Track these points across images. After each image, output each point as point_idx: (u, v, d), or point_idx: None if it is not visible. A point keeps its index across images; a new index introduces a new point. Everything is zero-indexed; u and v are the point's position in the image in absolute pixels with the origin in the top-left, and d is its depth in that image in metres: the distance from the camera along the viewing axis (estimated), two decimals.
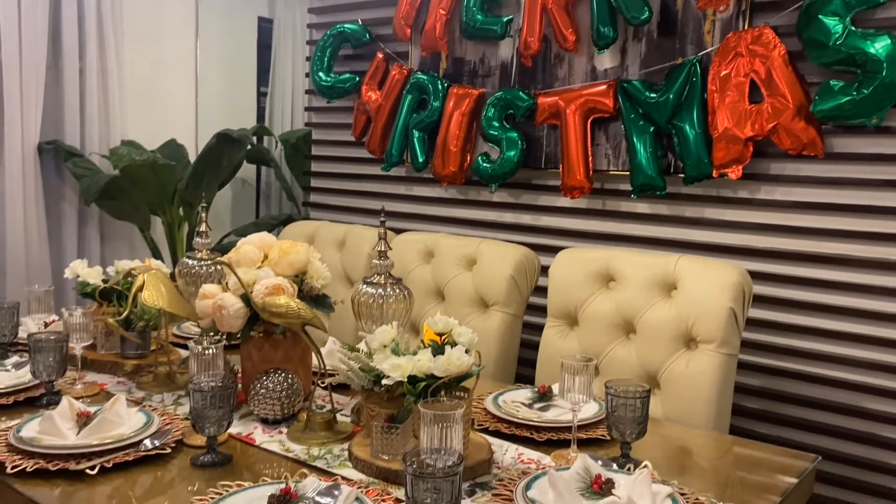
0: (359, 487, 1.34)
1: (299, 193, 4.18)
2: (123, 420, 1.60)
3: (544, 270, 2.38)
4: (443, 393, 1.48)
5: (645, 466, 1.35)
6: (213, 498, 1.28)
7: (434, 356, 1.42)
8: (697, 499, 1.34)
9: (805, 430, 2.30)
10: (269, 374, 1.71)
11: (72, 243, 3.52)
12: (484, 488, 1.41)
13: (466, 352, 1.45)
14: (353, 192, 3.38)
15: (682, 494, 1.34)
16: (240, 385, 1.85)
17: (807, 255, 2.30)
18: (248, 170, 4.42)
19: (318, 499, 1.25)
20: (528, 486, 1.33)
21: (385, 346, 1.49)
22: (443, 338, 1.51)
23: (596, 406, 1.77)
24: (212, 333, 1.73)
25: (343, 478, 1.42)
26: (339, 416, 1.70)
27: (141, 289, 1.86)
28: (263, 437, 1.63)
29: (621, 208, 2.65)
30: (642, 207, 2.60)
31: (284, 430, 1.67)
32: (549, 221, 2.80)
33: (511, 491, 1.34)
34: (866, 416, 2.23)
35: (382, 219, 1.69)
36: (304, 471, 1.41)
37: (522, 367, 2.39)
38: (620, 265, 2.11)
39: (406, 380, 1.40)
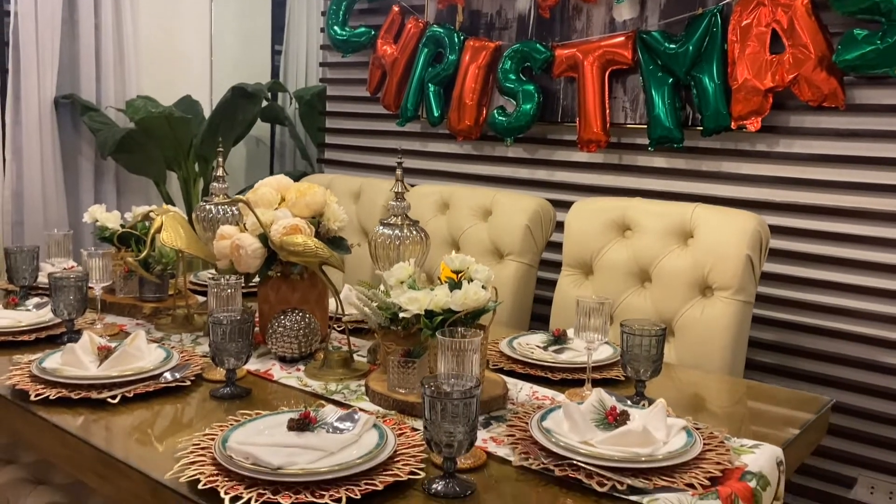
0: (376, 416, 1.35)
1: (314, 152, 4.19)
2: (143, 354, 1.62)
3: (559, 226, 2.38)
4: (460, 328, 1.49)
5: (660, 401, 1.36)
6: (232, 424, 1.30)
7: (451, 292, 1.43)
8: (712, 433, 1.35)
9: (818, 383, 2.31)
10: (287, 314, 1.73)
11: (88, 197, 3.54)
12: (499, 420, 1.43)
13: (483, 288, 1.46)
14: (368, 149, 3.38)
15: (697, 429, 1.35)
16: (257, 328, 1.87)
17: (824, 209, 2.29)
18: (262, 129, 4.42)
19: (336, 423, 1.27)
20: (542, 418, 1.34)
21: (402, 283, 1.50)
22: (459, 275, 1.51)
23: (610, 349, 1.78)
24: (230, 276, 1.74)
25: (360, 409, 1.44)
26: (355, 357, 1.72)
27: (159, 230, 1.87)
28: (281, 374, 1.65)
29: (638, 162, 2.64)
30: (659, 161, 2.59)
31: (302, 367, 1.69)
32: (564, 177, 2.79)
33: (526, 423, 1.35)
34: (881, 369, 2.23)
35: (399, 159, 1.69)
36: (322, 402, 1.43)
37: (535, 322, 2.40)
38: (637, 214, 2.10)
39: (423, 314, 1.41)
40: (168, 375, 1.55)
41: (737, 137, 2.43)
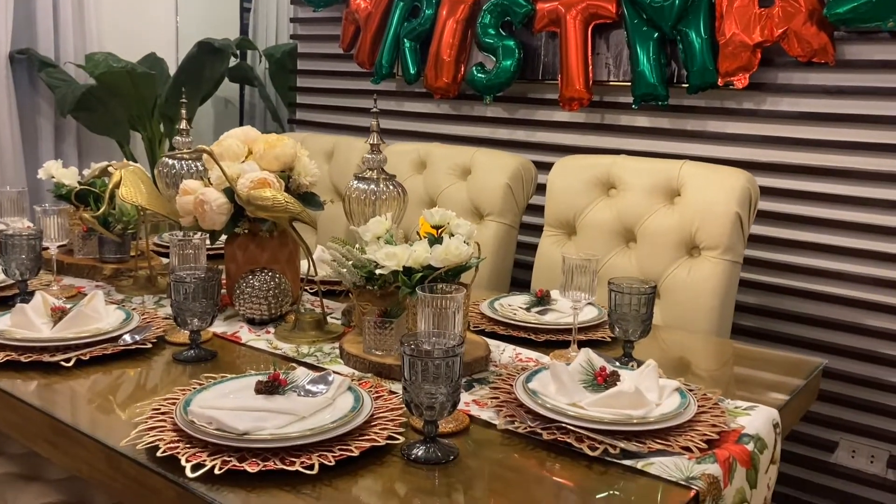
0: (352, 379, 1.27)
1: (284, 113, 4.05)
2: (101, 316, 1.52)
3: (540, 188, 2.30)
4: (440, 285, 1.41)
5: (650, 362, 1.29)
6: (195, 388, 1.21)
7: (431, 247, 1.34)
8: (705, 394, 1.28)
9: (802, 346, 2.26)
10: (256, 273, 1.63)
11: (48, 158, 3.37)
12: (482, 383, 1.35)
13: (465, 243, 1.37)
14: (341, 109, 3.26)
15: (690, 390, 1.29)
16: (224, 289, 1.77)
17: (812, 169, 2.23)
18: (230, 90, 4.27)
19: (309, 386, 1.19)
20: (528, 379, 1.27)
21: (379, 238, 1.41)
22: (440, 230, 1.43)
23: (595, 311, 1.71)
24: (194, 233, 1.64)
25: (334, 371, 1.35)
26: (329, 319, 1.63)
27: (118, 185, 1.75)
28: (250, 336, 1.56)
29: (620, 122, 2.55)
30: (642, 121, 2.51)
31: (272, 330, 1.60)
32: (545, 137, 2.70)
33: (510, 385, 1.28)
34: (865, 332, 2.19)
35: (375, 108, 1.59)
36: (293, 365, 1.34)
37: (515, 286, 2.32)
38: (622, 172, 2.02)
39: (401, 270, 1.33)
40: (127, 337, 1.45)
41: (722, 95, 2.35)
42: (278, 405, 1.12)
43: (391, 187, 1.61)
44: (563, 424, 1.13)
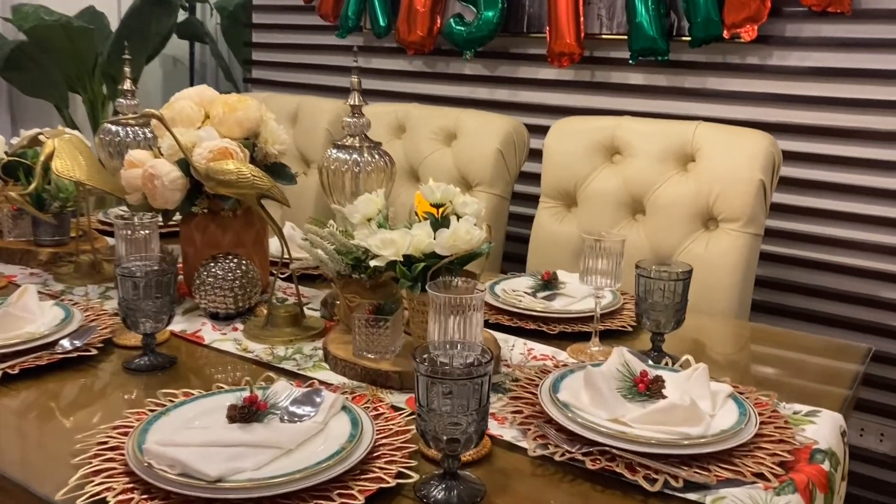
0: (343, 394, 1.05)
1: (239, 73, 3.74)
2: (34, 316, 1.26)
3: (531, 154, 2.08)
4: (446, 278, 1.19)
5: (701, 365, 1.10)
6: (153, 411, 0.97)
7: (435, 231, 1.12)
8: (759, 399, 1.10)
9: (811, 321, 2.10)
10: (218, 260, 1.39)
11: None
12: (496, 390, 1.14)
13: (475, 225, 1.15)
14: (303, 66, 2.98)
15: (741, 394, 1.10)
16: (181, 275, 1.53)
17: (822, 129, 2.05)
18: (180, 47, 3.93)
19: (293, 408, 0.96)
20: (555, 387, 1.06)
21: (370, 220, 1.18)
22: (441, 210, 1.20)
23: (610, 295, 1.50)
24: (144, 214, 1.38)
25: (320, 382, 1.13)
26: (305, 311, 1.40)
27: (51, 158, 1.48)
28: (214, 336, 1.33)
29: (612, 79, 2.34)
30: (636, 78, 2.30)
31: (240, 326, 1.37)
32: (530, 97, 2.47)
33: (534, 394, 1.07)
34: (877, 304, 2.03)
35: (355, 61, 1.34)
36: (271, 374, 1.11)
37: (507, 263, 2.11)
38: (628, 135, 1.81)
39: (401, 260, 1.10)
40: (66, 343, 1.21)
41: (725, 49, 2.15)
42: (258, 437, 0.89)
43: (376, 157, 1.38)
44: (608, 448, 0.93)
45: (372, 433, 0.93)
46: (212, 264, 1.38)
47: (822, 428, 1.06)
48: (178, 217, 1.47)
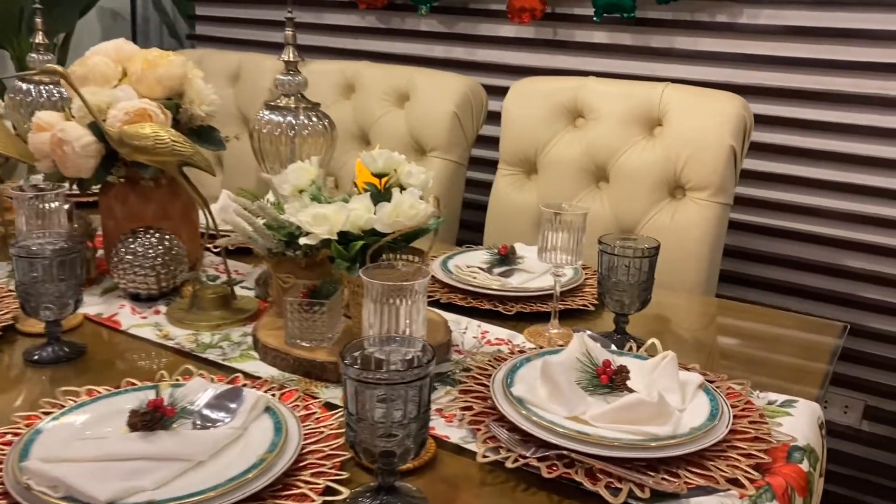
0: (269, 390, 0.93)
1: (184, 29, 3.52)
2: None
3: (489, 116, 1.95)
4: (388, 257, 1.07)
5: (669, 353, 1.00)
6: (48, 413, 0.84)
7: (375, 205, 0.99)
8: (731, 388, 1.00)
9: (784, 293, 2.03)
10: (138, 235, 1.24)
11: None
12: (445, 381, 1.03)
13: (421, 198, 1.02)
14: (248, 21, 2.80)
15: (711, 382, 1.00)
16: (100, 250, 1.39)
17: (796, 92, 1.95)
18: (119, 0, 3.68)
19: (207, 412, 0.84)
20: (509, 380, 0.95)
21: (302, 191, 1.04)
22: (384, 180, 1.07)
23: (571, 270, 1.40)
24: (51, 184, 1.23)
25: (245, 374, 1.01)
26: (237, 290, 1.27)
27: None
28: (133, 320, 1.19)
29: (575, 37, 2.21)
30: (600, 37, 2.17)
31: (163, 309, 1.23)
32: (489, 55, 2.34)
33: (486, 386, 0.96)
34: (844, 274, 1.96)
35: (290, 12, 1.20)
36: (190, 367, 0.99)
37: (465, 232, 1.99)
38: (591, 97, 1.69)
39: (336, 238, 0.97)
40: None
41: (694, 7, 2.03)
42: (162, 448, 0.77)
43: (314, 119, 1.24)
44: (566, 453, 0.83)
45: (298, 440, 0.81)
46: (130, 240, 1.24)
47: (800, 420, 0.97)
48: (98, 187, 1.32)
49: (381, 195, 1.01)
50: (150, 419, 0.78)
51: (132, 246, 1.23)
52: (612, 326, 1.18)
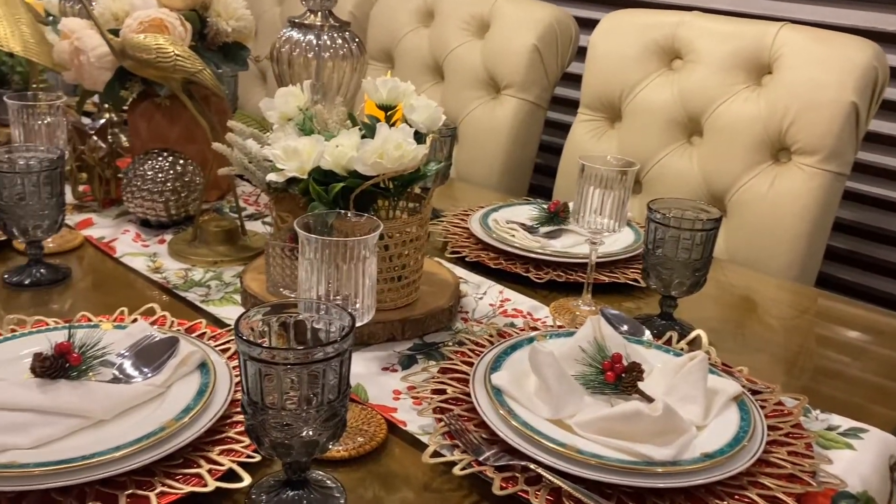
0: (227, 341, 0.82)
1: None
2: None
3: (581, 52, 1.73)
4: (382, 203, 0.93)
5: (700, 354, 0.80)
6: None
7: (361, 140, 0.84)
8: (780, 403, 0.80)
9: None
10: (150, 157, 1.16)
11: None
12: (431, 355, 0.88)
13: (418, 137, 0.87)
14: None
15: (756, 393, 0.80)
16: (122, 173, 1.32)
17: None
18: None
19: (128, 364, 0.74)
20: (495, 365, 0.80)
21: (289, 120, 0.91)
22: (389, 114, 0.92)
23: (631, 235, 1.20)
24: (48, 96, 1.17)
25: (217, 320, 0.91)
26: (258, 226, 1.17)
27: None
28: (131, 247, 1.11)
29: None
30: None
31: (168, 237, 1.15)
32: None
33: (471, 364, 0.81)
34: None
35: None
36: (155, 305, 0.89)
37: (540, 179, 1.81)
38: (692, 35, 1.45)
39: (308, 177, 0.84)
40: None
41: None
42: (57, 401, 0.67)
43: (339, 40, 1.09)
44: (533, 468, 0.67)
45: (223, 406, 0.70)
46: (143, 161, 1.16)
47: (864, 456, 0.75)
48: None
49: (372, 130, 0.86)
50: (51, 366, 0.69)
51: (142, 169, 1.15)
52: (658, 310, 0.99)
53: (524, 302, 1.03)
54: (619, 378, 0.77)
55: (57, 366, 0.69)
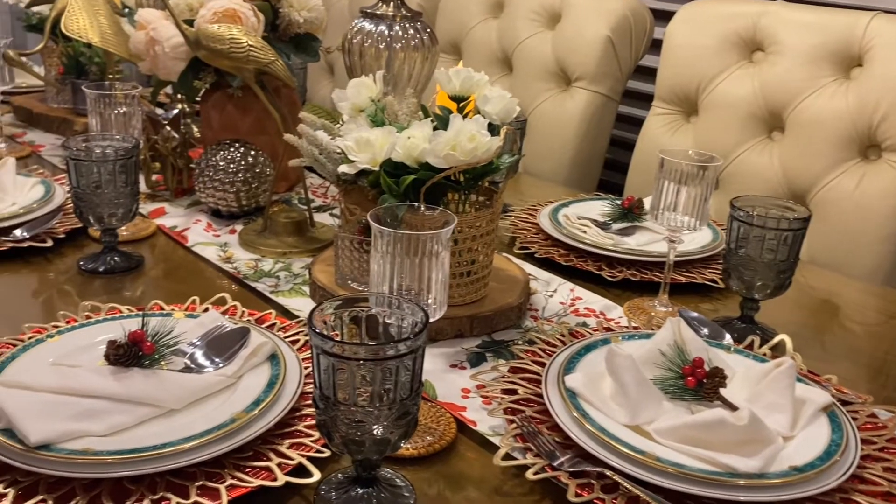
0: (297, 333, 0.81)
1: None
2: (6, 192, 1.11)
3: (655, 45, 1.68)
4: (452, 197, 0.91)
5: (787, 361, 0.76)
6: (25, 340, 0.78)
7: (434, 132, 0.82)
8: (873, 416, 0.75)
9: None
10: (222, 148, 1.17)
11: None
12: (500, 353, 0.86)
13: (492, 128, 0.84)
14: None
15: (846, 404, 0.76)
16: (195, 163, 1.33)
17: None
18: None
19: (200, 353, 0.74)
20: (569, 366, 0.77)
21: (361, 111, 0.90)
22: (462, 105, 0.90)
23: (709, 233, 1.16)
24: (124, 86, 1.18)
25: (285, 311, 0.90)
26: (327, 218, 1.17)
27: (62, 13, 1.30)
28: (203, 237, 1.12)
29: None
30: None
31: (239, 228, 1.15)
32: None
33: (543, 364, 0.78)
34: None
35: None
36: (226, 295, 0.89)
37: (609, 174, 1.77)
38: (776, 25, 1.39)
39: (379, 169, 0.82)
40: (18, 233, 1.04)
41: None
42: (130, 389, 0.67)
43: (411, 31, 1.08)
44: (609, 474, 0.64)
45: (293, 399, 0.69)
46: (214, 151, 1.17)
47: None
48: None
49: (445, 122, 0.84)
50: (125, 354, 0.69)
51: (214, 159, 1.16)
52: (738, 312, 0.95)
53: (596, 301, 1.00)
54: (700, 384, 0.73)
55: (130, 354, 0.69)
